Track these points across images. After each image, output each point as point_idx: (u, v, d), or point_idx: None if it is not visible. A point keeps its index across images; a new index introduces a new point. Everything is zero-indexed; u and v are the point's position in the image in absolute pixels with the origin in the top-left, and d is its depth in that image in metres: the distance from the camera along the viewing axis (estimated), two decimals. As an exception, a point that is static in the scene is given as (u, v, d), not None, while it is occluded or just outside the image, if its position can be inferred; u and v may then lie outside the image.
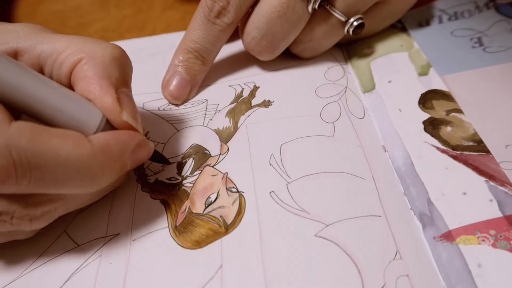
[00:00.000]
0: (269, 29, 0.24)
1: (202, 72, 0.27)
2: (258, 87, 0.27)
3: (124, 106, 0.19)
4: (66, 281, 0.19)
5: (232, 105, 0.26)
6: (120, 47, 0.20)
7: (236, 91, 0.27)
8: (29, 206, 0.17)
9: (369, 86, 0.26)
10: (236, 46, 0.30)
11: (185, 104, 0.27)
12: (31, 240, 0.20)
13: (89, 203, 0.20)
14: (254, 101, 0.26)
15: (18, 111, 0.17)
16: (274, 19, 0.24)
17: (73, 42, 0.19)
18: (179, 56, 0.26)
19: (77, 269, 0.19)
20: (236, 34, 0.27)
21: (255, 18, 0.25)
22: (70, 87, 0.19)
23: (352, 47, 0.29)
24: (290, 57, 0.28)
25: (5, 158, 0.15)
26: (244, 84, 0.27)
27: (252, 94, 0.26)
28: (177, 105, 0.27)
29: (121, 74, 0.19)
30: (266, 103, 0.25)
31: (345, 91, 0.26)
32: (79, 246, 0.20)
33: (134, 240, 0.20)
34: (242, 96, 0.26)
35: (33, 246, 0.20)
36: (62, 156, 0.16)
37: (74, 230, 0.21)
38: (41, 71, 0.19)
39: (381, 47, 0.28)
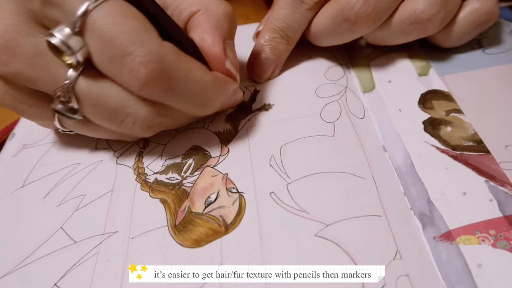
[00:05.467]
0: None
1: (286, 51, 0.27)
2: (259, 91, 0.27)
3: (228, 56, 0.21)
4: (62, 277, 0.19)
5: (232, 109, 0.26)
6: (230, 5, 0.22)
7: (236, 94, 0.27)
8: (154, 115, 0.20)
9: (369, 86, 0.26)
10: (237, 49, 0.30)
11: None
12: (26, 233, 0.20)
13: (184, 124, 0.24)
14: (255, 105, 0.26)
15: None
16: None
17: None
18: (265, 35, 0.27)
19: (74, 265, 0.19)
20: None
21: None
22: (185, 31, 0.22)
23: (352, 47, 0.29)
24: (289, 58, 0.28)
25: (158, 64, 0.18)
26: (245, 87, 0.27)
27: (253, 98, 0.26)
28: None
29: (229, 28, 0.22)
30: (266, 107, 0.26)
31: (345, 91, 0.26)
32: (76, 243, 0.20)
33: (133, 238, 0.20)
34: (242, 100, 0.26)
35: (28, 240, 0.20)
36: (192, 77, 0.19)
37: (70, 227, 0.21)
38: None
39: (381, 46, 0.28)
